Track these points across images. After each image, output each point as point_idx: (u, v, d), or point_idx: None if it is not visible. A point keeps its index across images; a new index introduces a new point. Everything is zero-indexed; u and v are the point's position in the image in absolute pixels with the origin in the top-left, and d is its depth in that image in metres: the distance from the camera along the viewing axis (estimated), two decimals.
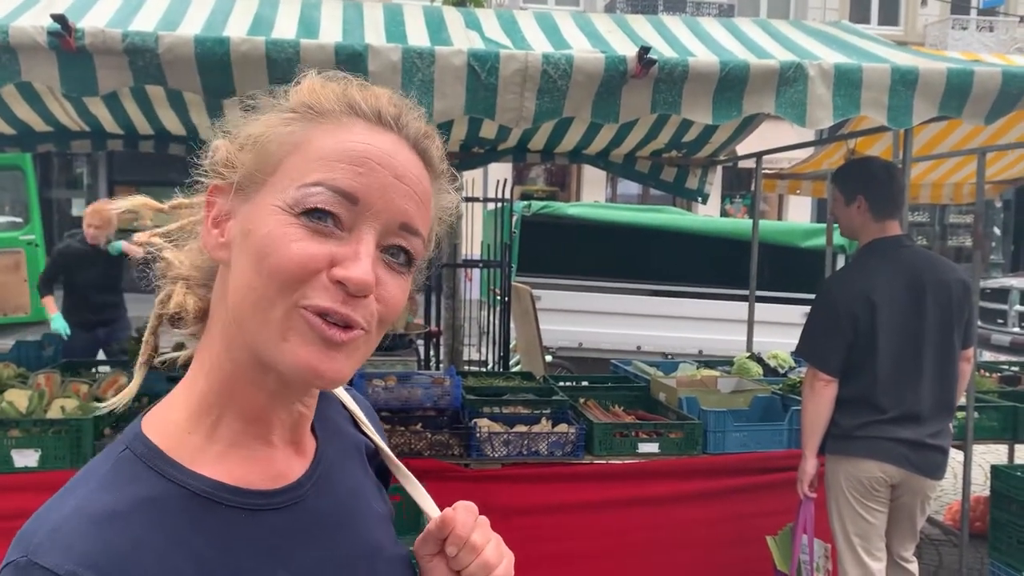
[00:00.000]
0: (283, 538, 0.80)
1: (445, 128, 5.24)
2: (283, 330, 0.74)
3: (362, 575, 0.86)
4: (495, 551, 0.86)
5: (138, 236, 0.88)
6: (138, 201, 0.88)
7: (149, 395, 3.94)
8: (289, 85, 0.83)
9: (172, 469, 0.77)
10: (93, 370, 4.55)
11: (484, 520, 0.88)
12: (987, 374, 5.31)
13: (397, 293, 0.79)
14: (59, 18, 2.58)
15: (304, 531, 0.82)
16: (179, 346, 0.93)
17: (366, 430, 1.00)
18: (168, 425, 0.80)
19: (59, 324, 5.81)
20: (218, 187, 0.81)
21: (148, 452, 0.77)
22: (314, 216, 0.74)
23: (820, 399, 3.13)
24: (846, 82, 3.00)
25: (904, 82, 3.02)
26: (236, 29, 3.06)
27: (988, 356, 9.57)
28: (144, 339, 0.90)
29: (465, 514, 0.86)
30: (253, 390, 0.80)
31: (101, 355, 5.76)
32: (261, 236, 0.75)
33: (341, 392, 1.02)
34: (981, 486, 5.60)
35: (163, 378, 4.17)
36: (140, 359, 0.90)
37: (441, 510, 0.88)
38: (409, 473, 0.98)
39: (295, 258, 0.73)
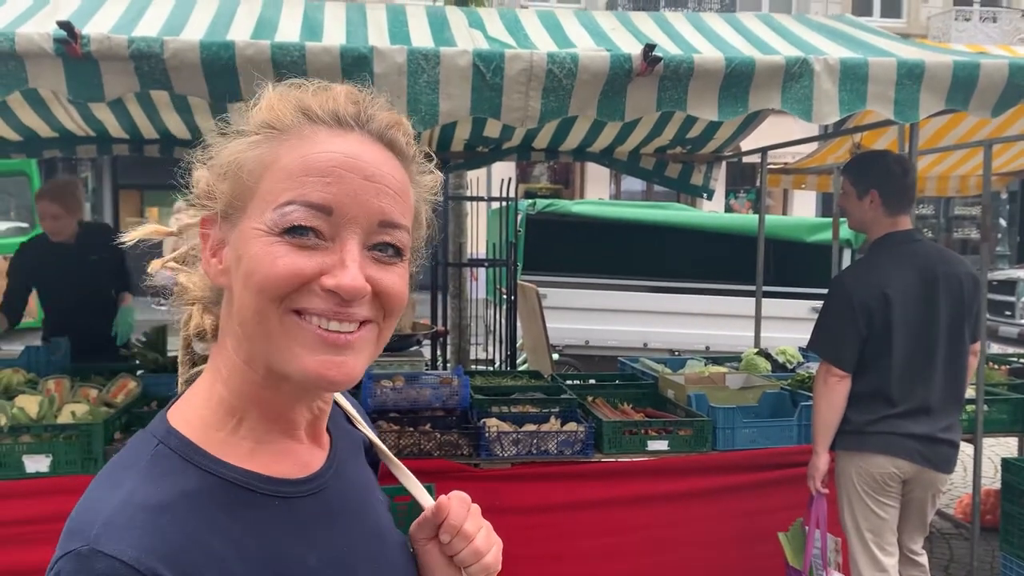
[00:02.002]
0: (312, 523, 0.84)
1: (448, 127, 5.25)
2: (287, 342, 0.78)
3: (376, 557, 0.91)
4: (485, 539, 0.92)
5: (153, 264, 0.92)
6: (148, 229, 0.91)
7: (158, 398, 3.97)
8: (253, 99, 0.85)
9: (208, 461, 0.80)
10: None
11: (476, 509, 0.94)
12: (996, 367, 5.29)
13: (395, 282, 0.82)
14: (65, 25, 2.59)
15: (329, 517, 0.86)
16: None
17: (360, 427, 1.05)
18: (195, 421, 0.84)
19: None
20: (207, 218, 0.84)
21: (183, 446, 0.81)
22: (296, 233, 0.77)
23: (833, 395, 3.12)
24: (852, 77, 2.98)
25: (910, 76, 3.01)
26: (240, 32, 3.06)
27: (996, 348, 9.55)
28: (180, 360, 0.95)
29: (459, 504, 0.92)
30: (274, 395, 0.84)
31: None
32: (248, 258, 0.78)
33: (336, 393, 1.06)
34: (991, 479, 5.59)
35: (171, 381, 4.19)
36: (181, 380, 0.95)
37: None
38: (403, 465, 1.04)
39: (282, 271, 0.76)
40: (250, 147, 0.81)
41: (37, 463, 3.26)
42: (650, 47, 2.85)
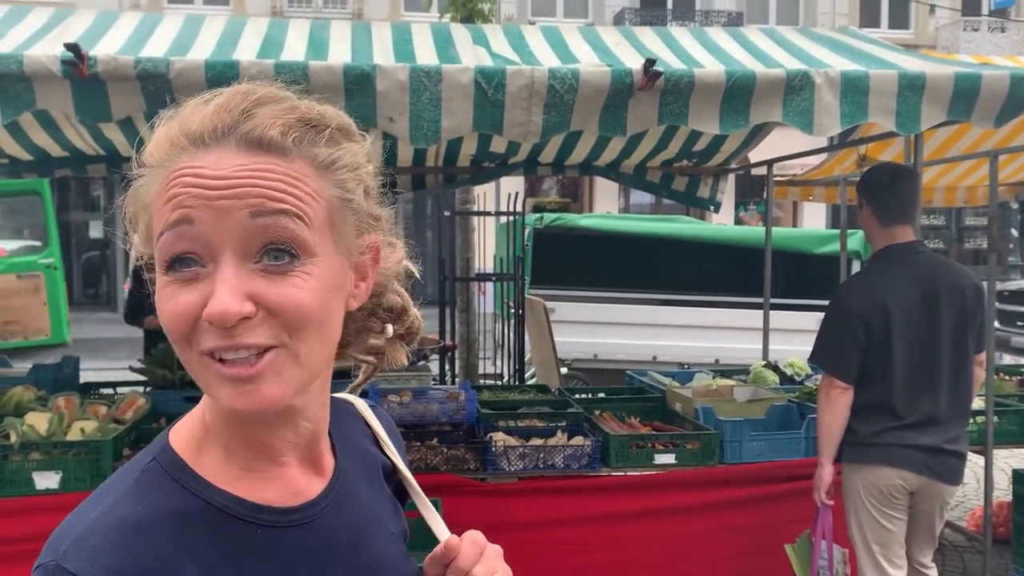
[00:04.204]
0: (298, 555, 0.82)
1: (455, 143, 5.28)
2: (206, 379, 0.75)
3: None
4: None
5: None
6: None
7: (166, 415, 3.99)
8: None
9: (194, 483, 0.79)
10: (112, 391, 4.59)
11: (492, 551, 0.89)
12: (1007, 378, 5.25)
13: (289, 294, 0.73)
14: (72, 47, 2.63)
15: (319, 548, 0.83)
16: None
17: (386, 449, 1.02)
18: (191, 443, 0.83)
19: None
20: (149, 263, 0.81)
21: (174, 465, 0.80)
22: (177, 267, 0.73)
23: (836, 406, 3.12)
24: (853, 89, 3.00)
25: (912, 87, 3.02)
26: (246, 52, 3.10)
27: (1008, 359, 9.48)
28: None
29: (470, 546, 0.87)
30: (247, 424, 0.81)
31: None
32: (156, 303, 0.76)
33: (366, 410, 1.04)
34: (1004, 491, 5.54)
35: (180, 398, 4.22)
36: None
37: (455, 533, 0.90)
38: (423, 495, 1.00)
39: (171, 317, 0.74)
40: (142, 190, 0.78)
41: (47, 480, 3.28)
42: (651, 62, 2.87)
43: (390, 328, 0.97)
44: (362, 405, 1.04)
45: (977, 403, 4.06)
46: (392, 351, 0.98)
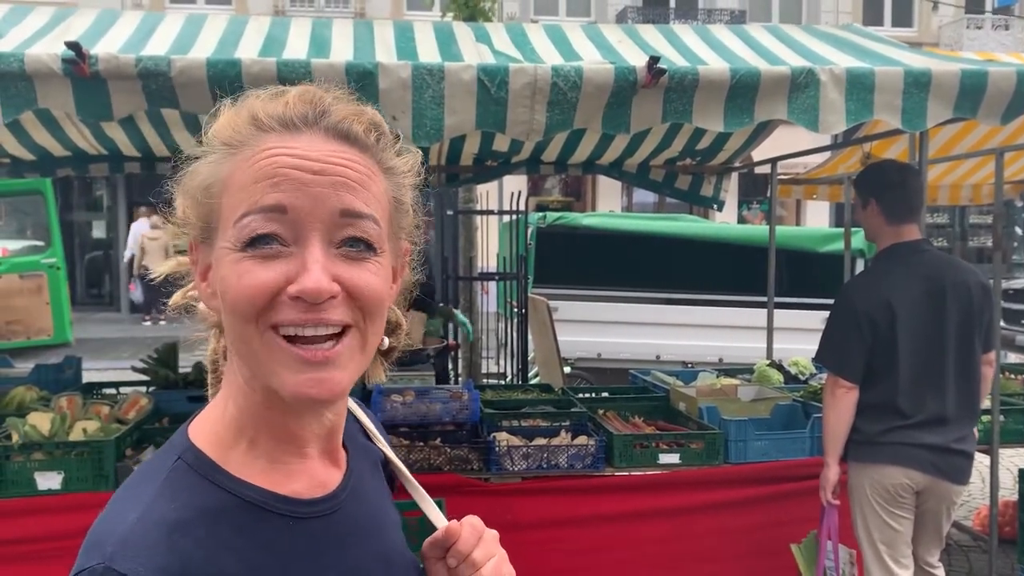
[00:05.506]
0: (326, 543, 0.85)
1: (458, 141, 5.26)
2: (270, 363, 0.77)
3: None
4: (493, 570, 0.90)
5: (174, 298, 0.93)
6: (173, 264, 0.92)
7: (169, 415, 3.98)
8: (210, 115, 0.85)
9: (224, 479, 0.81)
10: (115, 391, 4.58)
11: (491, 536, 0.92)
12: (1012, 376, 5.23)
13: (367, 279, 0.80)
14: (73, 45, 2.61)
15: (343, 536, 0.87)
16: (197, 364, 0.97)
17: (378, 442, 1.05)
18: (213, 438, 0.84)
19: None
20: (191, 243, 0.85)
21: (200, 462, 0.82)
22: (257, 245, 0.76)
23: (841, 405, 3.10)
24: (858, 86, 2.98)
25: (917, 84, 3.00)
26: (248, 50, 3.09)
27: (1013, 358, 9.44)
28: (209, 382, 0.96)
29: (469, 531, 0.90)
30: (278, 414, 0.83)
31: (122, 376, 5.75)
32: (221, 280, 0.79)
33: (353, 406, 1.07)
34: (1010, 490, 5.52)
35: (183, 398, 4.21)
36: (209, 397, 0.96)
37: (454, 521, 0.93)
38: (417, 484, 1.03)
39: (246, 290, 0.76)
40: (209, 167, 0.81)
41: (49, 480, 3.27)
42: (654, 59, 2.85)
43: (386, 340, 0.99)
44: (350, 402, 1.06)
45: (983, 402, 4.04)
46: (373, 367, 1.00)
